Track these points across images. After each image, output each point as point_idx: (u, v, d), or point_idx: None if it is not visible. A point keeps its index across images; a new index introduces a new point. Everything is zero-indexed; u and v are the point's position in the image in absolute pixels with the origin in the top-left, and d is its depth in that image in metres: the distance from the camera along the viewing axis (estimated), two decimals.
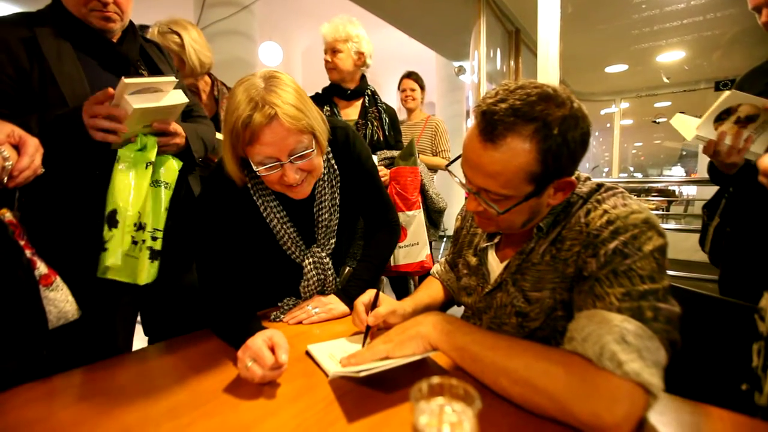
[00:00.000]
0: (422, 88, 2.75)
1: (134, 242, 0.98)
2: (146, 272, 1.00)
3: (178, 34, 1.61)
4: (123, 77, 0.85)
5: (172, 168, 1.06)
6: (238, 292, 0.90)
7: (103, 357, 0.79)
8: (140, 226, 0.98)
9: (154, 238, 1.00)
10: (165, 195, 1.03)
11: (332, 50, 1.70)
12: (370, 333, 0.80)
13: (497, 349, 0.59)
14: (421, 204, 1.79)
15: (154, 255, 1.01)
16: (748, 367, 0.70)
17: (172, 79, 0.95)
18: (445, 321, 0.67)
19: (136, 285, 1.05)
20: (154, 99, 0.92)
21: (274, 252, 0.99)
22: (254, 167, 0.81)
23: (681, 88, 6.83)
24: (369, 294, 0.86)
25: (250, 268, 1.02)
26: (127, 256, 0.97)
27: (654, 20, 4.24)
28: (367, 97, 1.78)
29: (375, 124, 1.75)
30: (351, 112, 1.79)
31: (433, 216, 1.96)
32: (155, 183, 1.02)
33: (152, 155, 0.99)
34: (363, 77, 1.80)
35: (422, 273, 1.77)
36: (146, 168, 0.98)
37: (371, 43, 1.75)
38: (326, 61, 1.73)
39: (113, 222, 0.94)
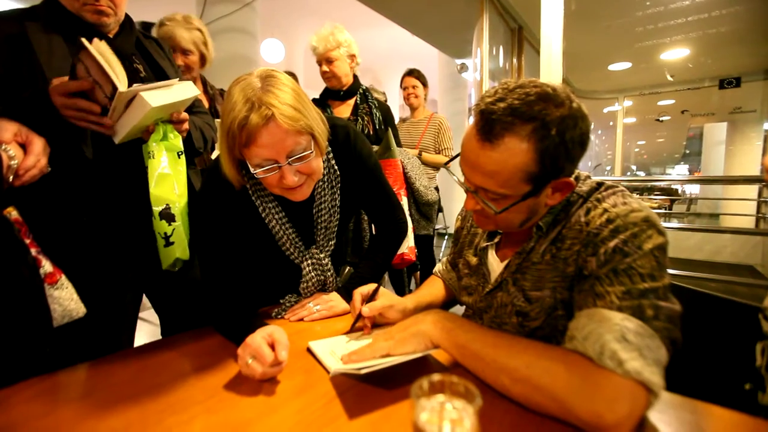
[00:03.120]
0: (424, 85, 2.75)
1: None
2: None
3: (200, 31, 1.71)
4: (119, 90, 0.81)
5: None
6: (239, 289, 0.90)
7: (106, 353, 0.79)
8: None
9: None
10: None
11: (327, 60, 1.78)
12: (361, 320, 0.81)
13: (498, 347, 0.59)
14: (404, 196, 1.83)
15: None
16: (752, 366, 0.69)
17: (173, 81, 0.94)
18: (446, 319, 0.67)
19: (139, 281, 1.06)
20: (167, 94, 0.91)
21: (273, 252, 0.99)
22: (252, 169, 0.79)
23: (685, 86, 6.80)
24: (369, 286, 0.86)
25: (250, 266, 1.02)
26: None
27: (658, 18, 4.21)
28: (359, 96, 1.86)
29: (366, 119, 1.82)
30: (344, 111, 1.86)
31: (423, 209, 1.98)
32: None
33: (179, 144, 0.99)
34: (355, 77, 1.87)
35: (403, 266, 1.79)
36: (179, 158, 0.99)
37: (356, 42, 1.85)
38: (324, 72, 1.81)
39: (170, 217, 0.96)
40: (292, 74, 2.76)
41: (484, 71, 3.41)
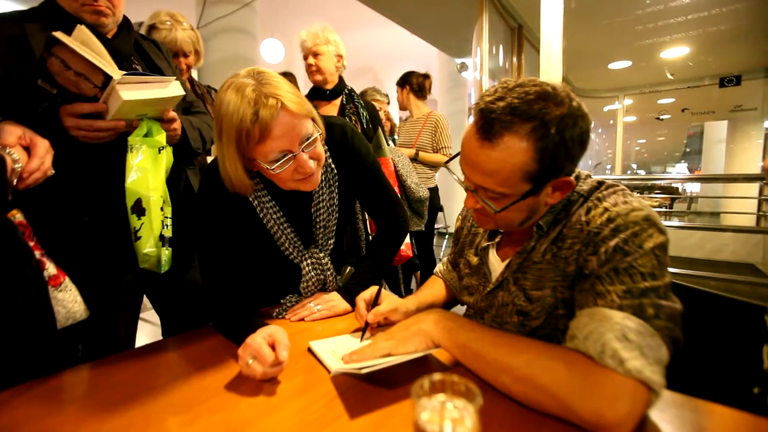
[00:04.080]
0: (402, 87, 2.78)
1: (164, 226, 1.00)
2: (165, 259, 1.02)
3: (192, 29, 1.74)
4: (113, 78, 0.84)
5: (169, 158, 1.05)
6: (239, 289, 0.90)
7: (107, 354, 0.80)
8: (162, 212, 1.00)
9: (165, 226, 1.02)
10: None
11: (314, 54, 1.80)
12: (369, 329, 0.81)
13: (499, 346, 0.59)
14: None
15: (166, 242, 1.02)
16: (759, 368, 0.69)
17: (169, 78, 0.94)
18: (447, 318, 0.67)
19: (140, 282, 1.06)
20: (146, 91, 0.90)
21: (273, 252, 0.99)
22: (267, 167, 0.80)
23: (685, 85, 6.78)
24: (371, 290, 0.86)
25: (250, 267, 1.02)
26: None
27: (658, 16, 4.20)
28: (344, 96, 1.87)
29: (353, 119, 1.82)
30: (330, 111, 1.87)
31: (414, 206, 2.03)
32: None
33: (162, 140, 0.99)
34: (341, 78, 1.89)
35: (401, 263, 1.82)
36: (159, 153, 0.98)
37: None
38: (309, 65, 1.82)
39: (140, 211, 0.96)
40: (291, 75, 2.76)
41: (483, 70, 3.41)
